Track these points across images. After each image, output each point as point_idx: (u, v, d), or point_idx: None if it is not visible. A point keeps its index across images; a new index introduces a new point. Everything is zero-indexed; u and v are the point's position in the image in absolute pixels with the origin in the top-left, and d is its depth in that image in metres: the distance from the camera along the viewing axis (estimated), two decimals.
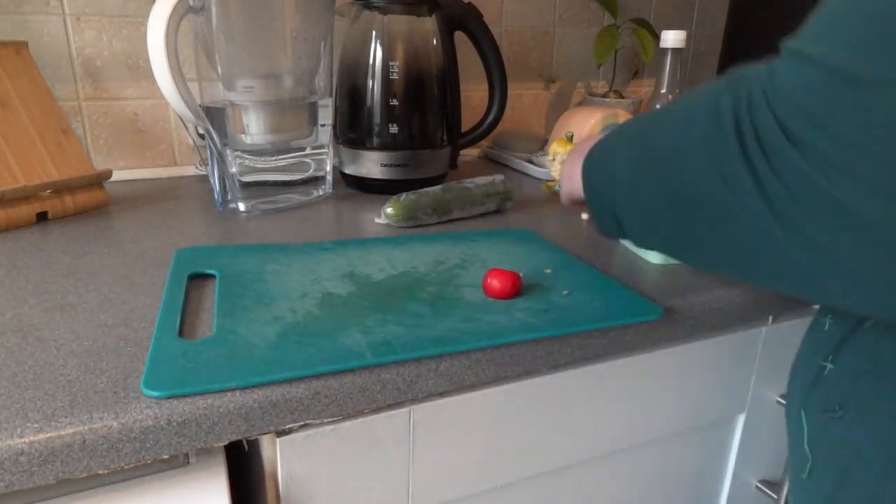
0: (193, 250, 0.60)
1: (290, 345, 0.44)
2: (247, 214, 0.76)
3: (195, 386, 0.38)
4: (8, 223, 0.69)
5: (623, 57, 1.26)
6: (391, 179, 0.85)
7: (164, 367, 0.40)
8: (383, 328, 0.46)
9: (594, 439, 0.56)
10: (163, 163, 0.96)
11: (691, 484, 0.66)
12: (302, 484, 0.44)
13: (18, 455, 0.34)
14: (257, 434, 0.40)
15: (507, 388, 0.50)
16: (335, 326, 0.46)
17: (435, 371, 0.44)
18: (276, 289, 0.52)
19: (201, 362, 0.41)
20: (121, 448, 0.36)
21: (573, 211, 0.63)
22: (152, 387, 0.38)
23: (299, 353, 0.43)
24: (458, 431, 0.49)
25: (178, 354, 0.41)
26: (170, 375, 0.39)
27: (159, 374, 0.39)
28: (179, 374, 0.39)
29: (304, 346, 0.44)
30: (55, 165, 0.73)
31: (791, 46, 0.30)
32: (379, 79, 0.82)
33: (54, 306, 0.50)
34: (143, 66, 0.91)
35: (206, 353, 0.42)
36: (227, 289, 0.52)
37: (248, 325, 0.46)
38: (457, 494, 0.51)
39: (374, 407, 0.44)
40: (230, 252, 0.60)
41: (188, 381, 0.39)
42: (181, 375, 0.39)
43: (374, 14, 0.81)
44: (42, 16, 0.84)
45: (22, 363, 0.41)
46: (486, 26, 0.89)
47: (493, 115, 0.92)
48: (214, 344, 0.43)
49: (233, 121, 0.74)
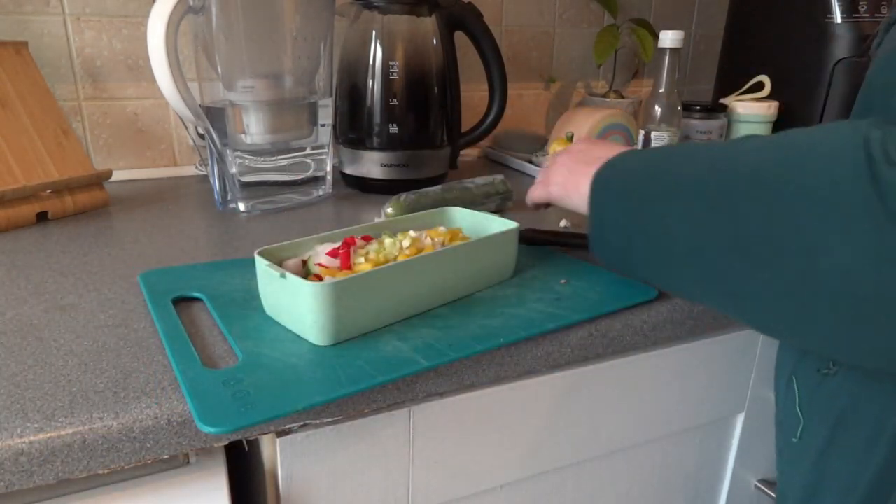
0: (160, 273, 0.55)
1: (332, 360, 0.42)
2: (247, 214, 0.76)
3: (259, 415, 0.36)
4: (8, 223, 0.69)
5: (623, 57, 1.26)
6: (391, 179, 0.85)
7: (210, 401, 0.37)
8: (417, 332, 0.46)
9: (594, 439, 0.56)
10: (163, 163, 0.96)
11: (690, 483, 0.66)
12: (302, 484, 0.44)
13: (18, 455, 0.34)
14: (257, 434, 0.40)
15: (507, 388, 0.50)
16: (366, 336, 0.45)
17: (435, 371, 0.44)
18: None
19: (249, 389, 0.38)
20: (121, 448, 0.36)
21: (535, 210, 0.62)
22: (211, 423, 0.35)
23: (349, 367, 0.41)
24: (458, 431, 0.49)
25: (217, 385, 0.39)
26: (223, 408, 0.36)
27: (210, 408, 0.36)
28: (232, 404, 0.37)
29: (347, 359, 0.42)
30: (55, 165, 0.73)
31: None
32: (379, 79, 0.82)
33: (54, 306, 0.50)
34: (143, 66, 0.91)
35: (247, 381, 0.39)
36: (225, 311, 0.48)
37: (273, 345, 0.44)
38: (457, 494, 0.51)
39: (374, 407, 0.44)
40: (203, 271, 0.56)
41: (247, 410, 0.36)
42: (236, 406, 0.37)
43: (374, 14, 0.81)
44: (42, 16, 0.84)
45: (22, 363, 0.42)
46: (486, 26, 0.89)
47: (493, 115, 0.92)
48: (249, 370, 0.40)
49: (233, 121, 0.74)
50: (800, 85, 0.96)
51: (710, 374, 0.60)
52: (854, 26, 0.91)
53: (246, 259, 0.59)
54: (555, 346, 0.48)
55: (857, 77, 0.92)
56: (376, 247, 0.50)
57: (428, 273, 0.48)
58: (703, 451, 0.65)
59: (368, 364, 0.42)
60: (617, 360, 0.54)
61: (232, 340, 0.44)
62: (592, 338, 0.50)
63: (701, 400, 0.61)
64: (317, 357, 0.42)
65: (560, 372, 0.52)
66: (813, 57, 0.94)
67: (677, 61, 0.86)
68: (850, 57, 0.91)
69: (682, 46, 0.85)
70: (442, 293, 0.50)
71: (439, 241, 0.52)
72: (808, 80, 0.95)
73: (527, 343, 0.47)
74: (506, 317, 0.49)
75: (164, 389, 0.39)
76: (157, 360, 0.42)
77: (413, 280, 0.47)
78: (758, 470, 0.69)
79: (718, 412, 0.63)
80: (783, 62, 0.98)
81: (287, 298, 0.44)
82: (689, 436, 0.63)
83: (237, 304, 0.50)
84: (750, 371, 0.63)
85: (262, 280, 0.47)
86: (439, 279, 0.49)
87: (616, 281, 0.55)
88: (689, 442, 0.64)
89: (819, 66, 0.94)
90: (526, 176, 0.99)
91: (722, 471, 0.68)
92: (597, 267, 0.58)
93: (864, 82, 0.38)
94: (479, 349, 0.44)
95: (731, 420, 0.65)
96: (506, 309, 0.50)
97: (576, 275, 0.57)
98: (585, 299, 0.52)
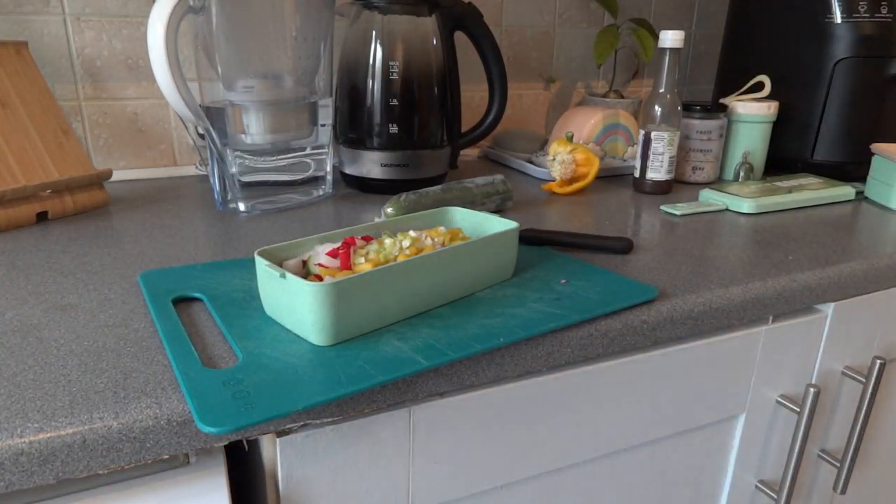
0: (160, 273, 0.56)
1: (333, 360, 0.42)
2: (247, 214, 0.76)
3: (259, 414, 0.36)
4: (8, 223, 0.69)
5: (623, 57, 1.26)
6: (391, 179, 0.85)
7: (210, 401, 0.37)
8: (417, 332, 0.46)
9: (594, 439, 0.56)
10: (163, 163, 0.96)
11: (691, 484, 0.66)
12: (302, 484, 0.44)
13: (18, 455, 0.34)
14: (257, 434, 0.40)
15: (507, 388, 0.50)
16: (366, 336, 0.45)
17: (435, 371, 0.44)
18: None
19: (249, 389, 0.38)
20: (121, 448, 0.36)
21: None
22: (211, 423, 0.35)
23: (349, 367, 0.41)
24: (458, 431, 0.49)
25: (217, 385, 0.39)
26: (223, 408, 0.37)
27: (211, 408, 0.37)
28: (232, 404, 0.37)
29: (347, 359, 0.42)
30: (55, 165, 0.73)
31: None
32: (379, 79, 0.82)
33: (54, 306, 0.50)
34: (143, 66, 0.91)
35: (247, 381, 0.39)
36: (225, 311, 0.48)
37: (273, 345, 0.44)
38: (457, 494, 0.51)
39: (374, 407, 0.44)
40: (203, 271, 0.56)
41: (247, 410, 0.36)
42: (236, 406, 0.37)
43: (374, 14, 0.81)
44: (42, 16, 0.85)
45: (22, 363, 0.41)
46: (486, 26, 0.89)
47: (493, 115, 0.92)
48: (249, 370, 0.41)
49: (233, 121, 0.74)
50: (800, 85, 0.96)
51: (710, 375, 0.60)
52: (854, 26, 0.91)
53: (246, 259, 0.59)
54: (555, 346, 0.48)
55: (857, 77, 0.92)
56: (376, 247, 0.50)
57: (428, 273, 0.48)
58: (704, 451, 0.65)
59: (368, 364, 0.42)
60: (617, 360, 0.54)
61: (232, 340, 0.44)
62: (592, 338, 0.50)
63: (701, 400, 0.61)
64: (317, 357, 0.42)
65: (560, 372, 0.52)
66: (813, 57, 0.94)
67: (677, 61, 0.86)
68: (850, 57, 0.91)
69: (682, 46, 0.85)
70: (442, 293, 0.50)
71: (439, 241, 0.52)
72: (808, 80, 0.95)
73: (527, 343, 0.47)
74: (505, 317, 0.49)
75: (164, 389, 0.39)
76: (157, 360, 0.42)
77: (413, 280, 0.47)
78: (758, 470, 0.69)
79: (719, 413, 0.63)
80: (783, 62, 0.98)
81: (287, 299, 0.44)
82: (690, 436, 0.63)
83: (237, 304, 0.50)
84: (751, 371, 0.63)
85: (262, 280, 0.47)
86: (439, 279, 0.49)
87: (616, 281, 0.55)
88: (690, 442, 0.64)
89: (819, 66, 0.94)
90: (526, 176, 0.99)
91: (722, 471, 0.68)
92: (597, 267, 0.58)
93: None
94: (479, 349, 0.44)
95: (731, 420, 0.65)
96: (506, 309, 0.50)
97: (576, 275, 0.57)
98: (585, 299, 0.52)
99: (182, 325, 0.46)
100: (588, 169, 0.88)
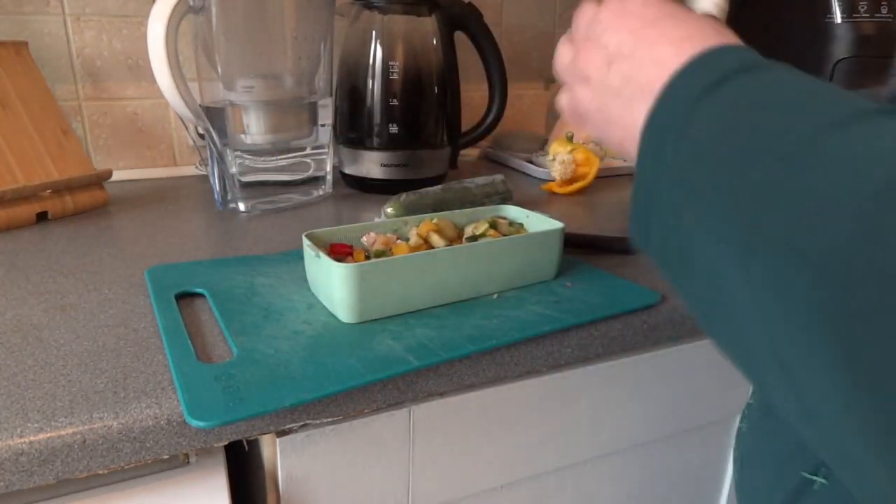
0: (166, 268, 0.56)
1: (326, 358, 0.42)
2: (247, 214, 0.76)
3: (247, 409, 0.37)
4: (8, 223, 0.69)
5: None
6: (391, 179, 0.85)
7: (200, 394, 0.38)
8: (412, 332, 0.46)
9: (594, 439, 0.56)
10: (163, 163, 0.96)
11: (691, 484, 0.66)
12: (302, 484, 0.44)
13: (18, 455, 0.34)
14: (257, 434, 0.40)
15: (507, 388, 0.50)
16: (361, 335, 0.46)
17: (435, 371, 0.44)
18: (278, 302, 0.50)
19: (240, 385, 0.39)
20: (121, 448, 0.36)
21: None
22: (199, 417, 0.36)
23: (340, 364, 0.41)
24: (458, 431, 0.49)
25: (209, 379, 0.39)
26: (213, 402, 0.37)
27: (200, 402, 0.37)
28: (222, 399, 0.37)
29: (340, 357, 0.42)
30: (55, 165, 0.73)
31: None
32: (379, 79, 0.82)
33: (54, 306, 0.50)
34: (143, 66, 0.91)
35: (239, 376, 0.40)
36: (225, 307, 0.49)
37: (269, 342, 0.44)
38: (457, 494, 0.51)
39: (374, 407, 0.44)
40: (208, 267, 0.57)
41: (235, 405, 0.37)
42: (225, 400, 0.37)
43: (374, 14, 0.81)
44: (42, 16, 0.84)
45: (22, 363, 0.41)
46: (486, 26, 0.89)
47: (493, 115, 0.92)
48: (242, 365, 0.41)
49: (233, 121, 0.74)
50: None
51: (710, 375, 0.60)
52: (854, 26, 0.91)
53: (250, 256, 0.60)
54: (555, 346, 0.48)
55: (856, 77, 0.92)
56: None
57: (457, 265, 0.50)
58: (704, 451, 0.65)
59: (360, 362, 0.42)
60: (617, 360, 0.54)
61: (229, 335, 0.45)
62: (592, 338, 0.50)
63: (701, 400, 0.61)
64: (309, 354, 0.43)
65: (560, 372, 0.52)
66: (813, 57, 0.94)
67: None
68: (850, 57, 0.91)
69: None
70: (475, 286, 0.52)
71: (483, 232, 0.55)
72: None
73: (527, 343, 0.47)
74: (502, 318, 0.49)
75: (164, 389, 0.39)
76: (157, 360, 0.42)
77: (437, 270, 0.49)
78: None
79: (719, 413, 0.63)
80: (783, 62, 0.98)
81: (322, 276, 0.49)
82: (690, 436, 0.63)
83: (238, 299, 0.51)
84: None
85: (306, 259, 0.52)
86: (470, 272, 0.51)
87: (618, 284, 0.55)
88: (690, 443, 0.64)
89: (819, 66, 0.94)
90: (526, 176, 0.99)
91: (723, 471, 0.68)
92: (599, 269, 0.58)
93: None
94: (471, 350, 0.44)
95: (731, 421, 0.65)
96: (503, 311, 0.50)
97: (578, 277, 0.56)
98: (585, 303, 0.52)
99: (182, 320, 0.47)
100: (588, 169, 0.88)
